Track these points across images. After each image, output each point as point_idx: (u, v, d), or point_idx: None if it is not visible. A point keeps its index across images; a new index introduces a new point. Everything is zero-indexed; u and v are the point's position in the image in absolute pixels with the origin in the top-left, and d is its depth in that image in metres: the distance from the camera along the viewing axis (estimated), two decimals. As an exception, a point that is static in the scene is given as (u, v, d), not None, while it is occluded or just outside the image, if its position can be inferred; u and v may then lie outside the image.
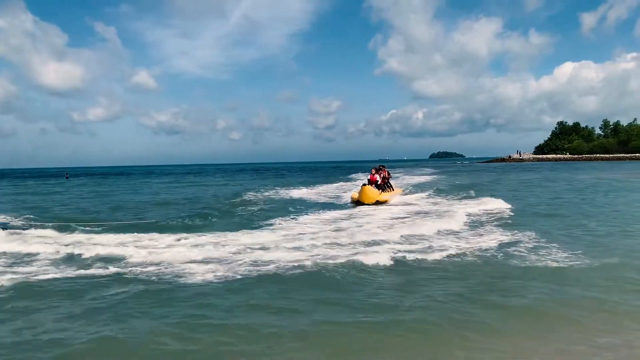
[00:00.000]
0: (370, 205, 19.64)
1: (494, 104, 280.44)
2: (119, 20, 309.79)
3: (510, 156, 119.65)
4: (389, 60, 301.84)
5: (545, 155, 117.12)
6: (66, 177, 73.13)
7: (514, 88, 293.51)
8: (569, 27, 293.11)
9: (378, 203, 20.13)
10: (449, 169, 77.24)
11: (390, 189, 23.43)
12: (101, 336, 5.82)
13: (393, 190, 23.81)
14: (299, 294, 7.32)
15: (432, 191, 26.51)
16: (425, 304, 6.84)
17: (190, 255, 10.18)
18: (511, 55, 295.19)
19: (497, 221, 14.71)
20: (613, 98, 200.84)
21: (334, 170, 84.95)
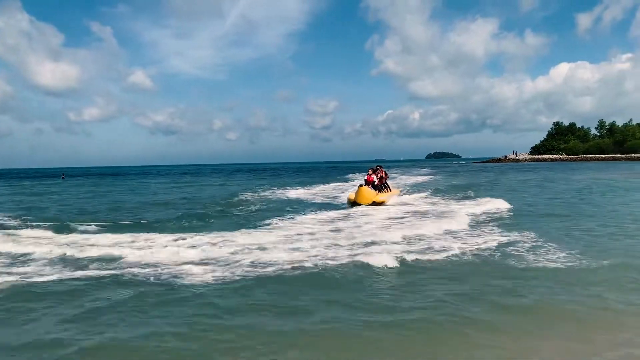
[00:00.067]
0: (368, 206, 19.59)
1: (490, 105, 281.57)
2: (116, 20, 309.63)
3: (506, 156, 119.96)
4: (386, 60, 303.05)
5: (541, 156, 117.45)
6: (62, 177, 72.83)
7: (510, 88, 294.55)
8: (565, 28, 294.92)
9: (375, 204, 19.94)
10: (445, 169, 77.37)
11: (387, 189, 23.11)
12: (100, 339, 5.77)
13: (390, 190, 23.50)
14: (299, 295, 7.29)
15: (430, 191, 26.52)
16: (427, 304, 6.82)
17: (188, 255, 10.12)
18: (507, 56, 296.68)
19: (498, 221, 14.69)
20: (609, 98, 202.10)
21: (330, 170, 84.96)
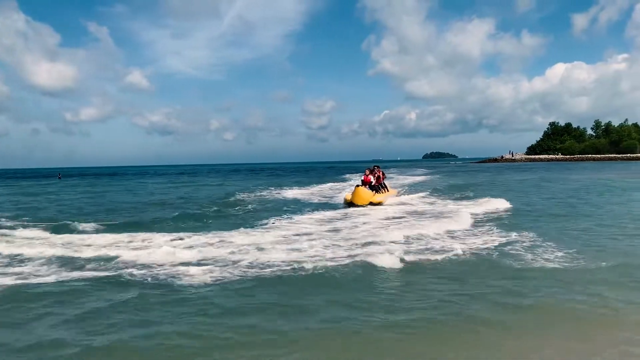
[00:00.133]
0: (365, 207, 19.42)
1: (487, 105, 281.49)
2: (112, 20, 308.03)
3: (502, 156, 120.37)
4: (382, 60, 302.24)
5: (537, 156, 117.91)
6: (59, 178, 72.55)
7: (506, 89, 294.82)
8: (561, 28, 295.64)
9: (372, 205, 19.79)
10: (442, 169, 77.47)
11: (384, 190, 22.90)
12: (99, 340, 5.71)
13: (388, 191, 23.30)
14: (299, 295, 7.25)
15: (429, 192, 26.39)
16: (427, 304, 6.79)
17: (186, 256, 10.06)
18: (503, 56, 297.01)
19: (499, 221, 14.65)
20: (605, 99, 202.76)
21: (328, 170, 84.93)
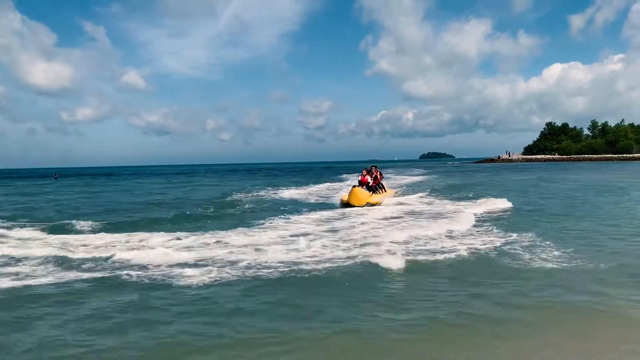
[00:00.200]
0: (362, 207, 19.20)
1: (483, 105, 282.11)
2: (109, 19, 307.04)
3: (499, 157, 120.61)
4: (380, 61, 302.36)
5: (534, 156, 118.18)
6: (55, 178, 72.29)
7: (503, 89, 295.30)
8: (558, 29, 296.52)
9: (369, 205, 19.59)
10: (440, 169, 77.54)
11: (382, 190, 22.74)
12: (98, 342, 5.63)
13: (385, 191, 23.14)
14: (298, 295, 7.20)
15: (428, 192, 26.18)
16: (427, 304, 6.76)
17: (184, 256, 10.01)
18: (500, 57, 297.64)
19: (501, 221, 14.60)
20: (601, 99, 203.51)
21: (325, 170, 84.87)
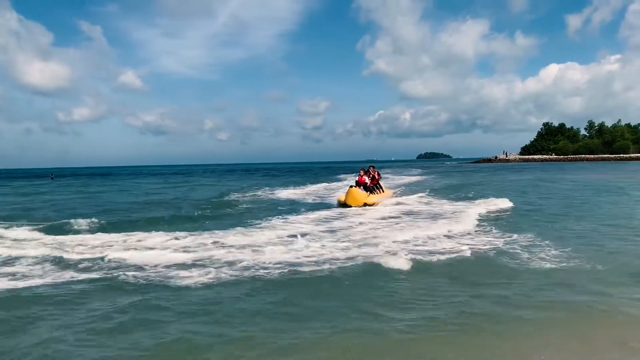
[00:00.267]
0: (359, 208, 19.00)
1: (480, 105, 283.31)
2: (105, 19, 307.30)
3: (496, 157, 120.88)
4: (377, 61, 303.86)
5: (531, 156, 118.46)
6: (51, 178, 72.00)
7: (500, 89, 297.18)
8: (555, 29, 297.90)
9: (366, 206, 19.36)
10: (437, 169, 77.59)
11: (379, 190, 22.55)
12: (96, 343, 5.58)
13: (383, 192, 22.94)
14: (297, 295, 7.17)
15: (426, 192, 26.01)
16: (427, 305, 6.75)
17: (182, 256, 9.97)
18: (497, 57, 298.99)
19: (502, 221, 14.55)
20: (598, 99, 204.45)
21: (322, 170, 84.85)
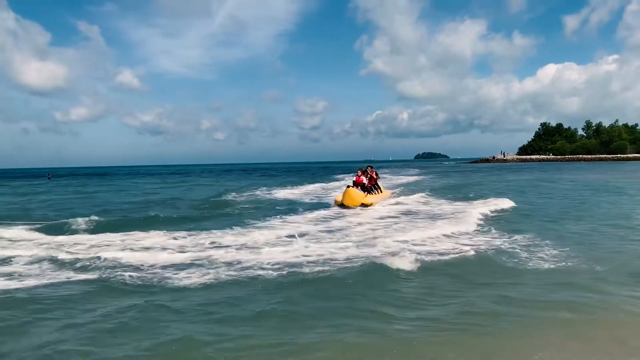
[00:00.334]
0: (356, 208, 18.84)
1: (478, 105, 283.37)
2: (103, 19, 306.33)
3: (494, 157, 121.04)
4: (375, 60, 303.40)
5: (528, 156, 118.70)
6: (48, 178, 71.79)
7: (497, 89, 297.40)
8: (552, 29, 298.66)
9: (363, 206, 19.19)
10: (435, 169, 77.67)
11: (378, 191, 22.34)
12: (96, 345, 5.51)
13: (381, 192, 22.76)
14: (296, 295, 7.13)
15: (426, 192, 25.82)
16: (427, 305, 6.71)
17: (180, 256, 9.93)
18: (495, 57, 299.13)
19: (504, 221, 14.51)
20: (595, 99, 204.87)
21: (320, 170, 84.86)
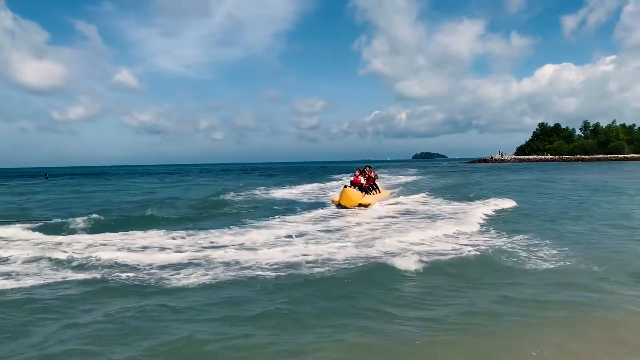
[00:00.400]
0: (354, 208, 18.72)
1: (476, 105, 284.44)
2: (101, 18, 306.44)
3: (492, 157, 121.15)
4: (373, 60, 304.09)
5: (526, 156, 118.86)
6: (45, 177, 71.61)
7: (495, 89, 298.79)
8: (550, 30, 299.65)
9: (361, 206, 19.07)
10: (434, 169, 77.71)
11: (376, 191, 22.17)
12: (95, 346, 5.46)
13: (379, 192, 22.54)
14: (295, 295, 7.11)
15: (425, 192, 25.74)
16: (427, 305, 6.69)
17: (179, 256, 9.91)
18: (493, 57, 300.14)
19: (505, 221, 14.50)
20: (593, 100, 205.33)
21: (318, 170, 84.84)
